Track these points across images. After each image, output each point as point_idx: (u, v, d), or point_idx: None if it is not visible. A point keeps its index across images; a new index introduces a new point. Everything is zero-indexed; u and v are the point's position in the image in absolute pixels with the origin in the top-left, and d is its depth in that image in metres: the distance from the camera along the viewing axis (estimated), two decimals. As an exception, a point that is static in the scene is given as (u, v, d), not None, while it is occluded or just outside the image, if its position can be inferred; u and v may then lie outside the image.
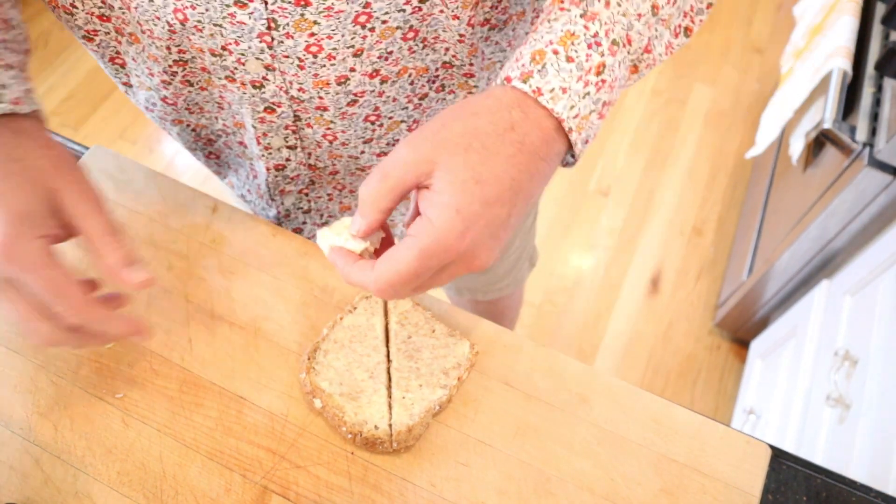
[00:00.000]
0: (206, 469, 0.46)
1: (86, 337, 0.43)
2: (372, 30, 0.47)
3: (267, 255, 0.55)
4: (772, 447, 0.50)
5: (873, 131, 1.14)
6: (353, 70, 0.50)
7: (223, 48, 0.48)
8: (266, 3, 0.44)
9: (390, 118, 0.58)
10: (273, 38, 0.46)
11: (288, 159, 0.59)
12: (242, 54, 0.48)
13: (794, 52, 1.52)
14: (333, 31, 0.46)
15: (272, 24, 0.45)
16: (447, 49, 0.53)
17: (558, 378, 0.51)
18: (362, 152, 0.61)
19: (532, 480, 0.47)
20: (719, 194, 1.91)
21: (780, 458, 0.50)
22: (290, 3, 0.44)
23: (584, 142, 0.43)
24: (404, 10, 0.47)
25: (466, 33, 0.52)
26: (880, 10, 1.29)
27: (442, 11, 0.49)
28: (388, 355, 0.51)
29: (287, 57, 0.48)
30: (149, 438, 0.47)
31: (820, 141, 1.25)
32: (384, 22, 0.47)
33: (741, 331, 1.63)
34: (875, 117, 1.15)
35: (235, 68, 0.50)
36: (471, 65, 0.56)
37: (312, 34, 0.46)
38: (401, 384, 0.49)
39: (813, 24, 1.46)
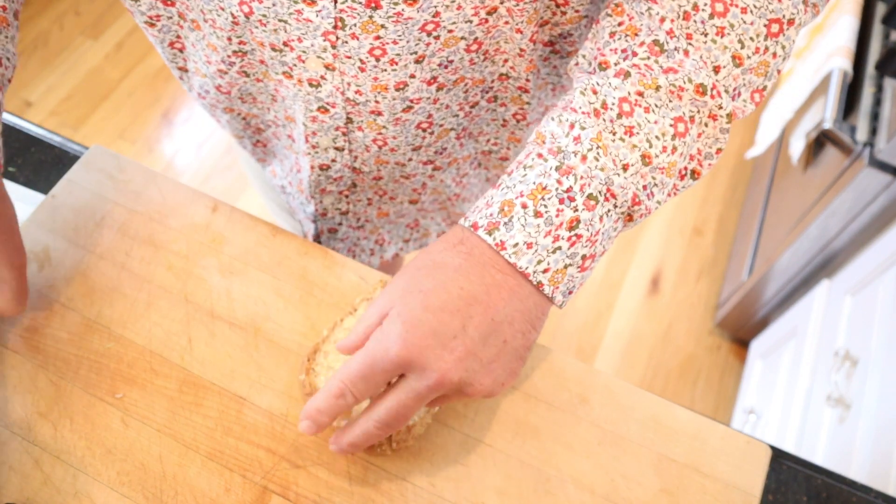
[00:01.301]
0: (206, 469, 0.46)
1: None
2: (437, 38, 0.47)
3: (267, 254, 0.55)
4: (772, 447, 0.50)
5: (874, 131, 1.14)
6: (412, 76, 0.50)
7: (285, 44, 0.48)
8: (335, 2, 0.43)
9: (441, 125, 0.57)
10: (338, 38, 0.46)
11: (333, 160, 0.59)
12: (304, 52, 0.48)
13: (794, 51, 1.52)
14: (399, 36, 0.46)
15: (339, 24, 0.45)
16: (506, 61, 0.53)
17: (558, 378, 0.51)
18: (410, 160, 0.60)
19: (532, 480, 0.47)
20: (719, 194, 1.91)
21: (780, 459, 0.50)
22: (360, 3, 0.43)
23: (565, 293, 0.43)
24: (471, 22, 0.47)
25: (527, 48, 0.52)
26: (880, 9, 1.29)
27: (507, 23, 0.49)
28: None
29: (349, 58, 0.48)
30: (148, 438, 0.47)
31: (820, 141, 1.25)
32: (450, 31, 0.47)
33: (741, 331, 1.63)
34: (875, 117, 1.15)
35: (294, 65, 0.50)
36: (527, 80, 0.55)
37: (378, 37, 0.46)
38: None
39: (813, 24, 1.46)
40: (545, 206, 0.41)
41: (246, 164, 0.79)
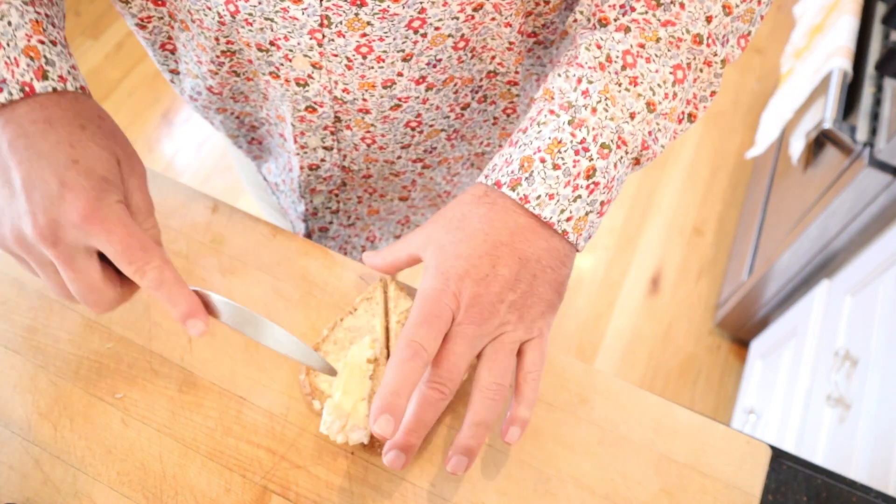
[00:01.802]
0: (206, 469, 0.46)
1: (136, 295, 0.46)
2: (424, 35, 0.47)
3: (267, 255, 0.55)
4: (772, 447, 0.50)
5: (873, 131, 1.14)
6: (400, 74, 0.50)
7: (271, 43, 0.48)
8: (321, 0, 0.43)
9: (431, 126, 0.58)
10: (324, 36, 0.46)
11: (322, 160, 0.59)
12: (290, 50, 0.48)
13: (794, 52, 1.52)
14: (386, 33, 0.46)
15: (325, 21, 0.45)
16: (493, 58, 0.53)
17: (558, 378, 0.51)
18: (399, 157, 0.60)
19: (532, 480, 0.47)
20: (719, 194, 1.91)
21: (780, 459, 0.50)
22: (345, 0, 0.43)
23: (586, 238, 0.46)
24: (457, 18, 0.47)
25: (516, 41, 0.52)
26: (880, 9, 1.29)
27: (493, 19, 0.49)
28: (388, 357, 0.50)
29: (336, 56, 0.48)
30: (149, 438, 0.47)
31: (820, 141, 1.25)
32: (437, 28, 0.47)
33: (741, 331, 1.63)
34: (875, 117, 1.15)
35: (281, 64, 0.49)
36: (516, 73, 0.56)
37: (364, 34, 0.46)
38: None
39: (813, 24, 1.46)
40: (562, 159, 0.44)
41: (239, 165, 0.79)
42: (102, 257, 0.42)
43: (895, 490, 0.84)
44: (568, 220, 0.45)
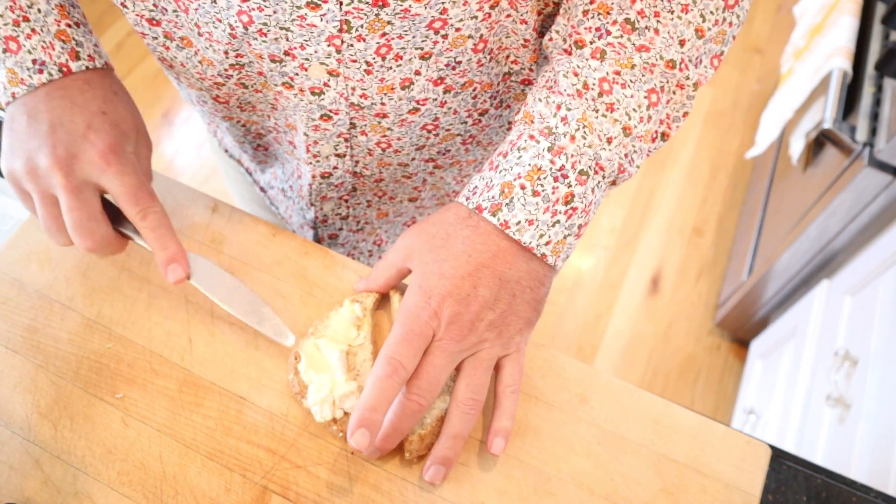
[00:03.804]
0: (206, 469, 0.46)
1: (120, 245, 0.49)
2: (444, 36, 0.47)
3: (267, 255, 0.55)
4: (772, 447, 0.50)
5: (873, 131, 1.14)
6: (418, 73, 0.49)
7: (286, 53, 0.47)
8: (341, 4, 0.42)
9: (447, 130, 0.57)
10: (343, 42, 0.45)
11: (335, 167, 0.59)
12: (307, 59, 0.47)
13: (794, 51, 1.52)
14: (405, 31, 0.45)
15: (344, 27, 0.44)
16: (507, 57, 0.53)
17: (558, 378, 0.51)
18: (413, 159, 0.60)
19: (532, 480, 0.47)
20: (719, 194, 1.91)
21: (780, 458, 0.50)
22: (367, 3, 0.42)
23: (563, 259, 0.48)
24: (476, 18, 0.47)
25: (531, 38, 0.52)
26: (880, 9, 1.29)
27: (509, 16, 0.49)
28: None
29: (354, 61, 0.47)
30: (149, 438, 0.47)
31: (820, 141, 1.25)
32: (458, 30, 0.47)
33: (741, 331, 1.63)
34: (875, 117, 1.15)
35: (296, 74, 0.49)
36: (531, 70, 0.56)
37: (384, 34, 0.45)
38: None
39: (813, 24, 1.46)
40: (542, 186, 0.45)
41: (230, 181, 0.79)
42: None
43: (895, 490, 0.84)
44: (547, 244, 0.46)
